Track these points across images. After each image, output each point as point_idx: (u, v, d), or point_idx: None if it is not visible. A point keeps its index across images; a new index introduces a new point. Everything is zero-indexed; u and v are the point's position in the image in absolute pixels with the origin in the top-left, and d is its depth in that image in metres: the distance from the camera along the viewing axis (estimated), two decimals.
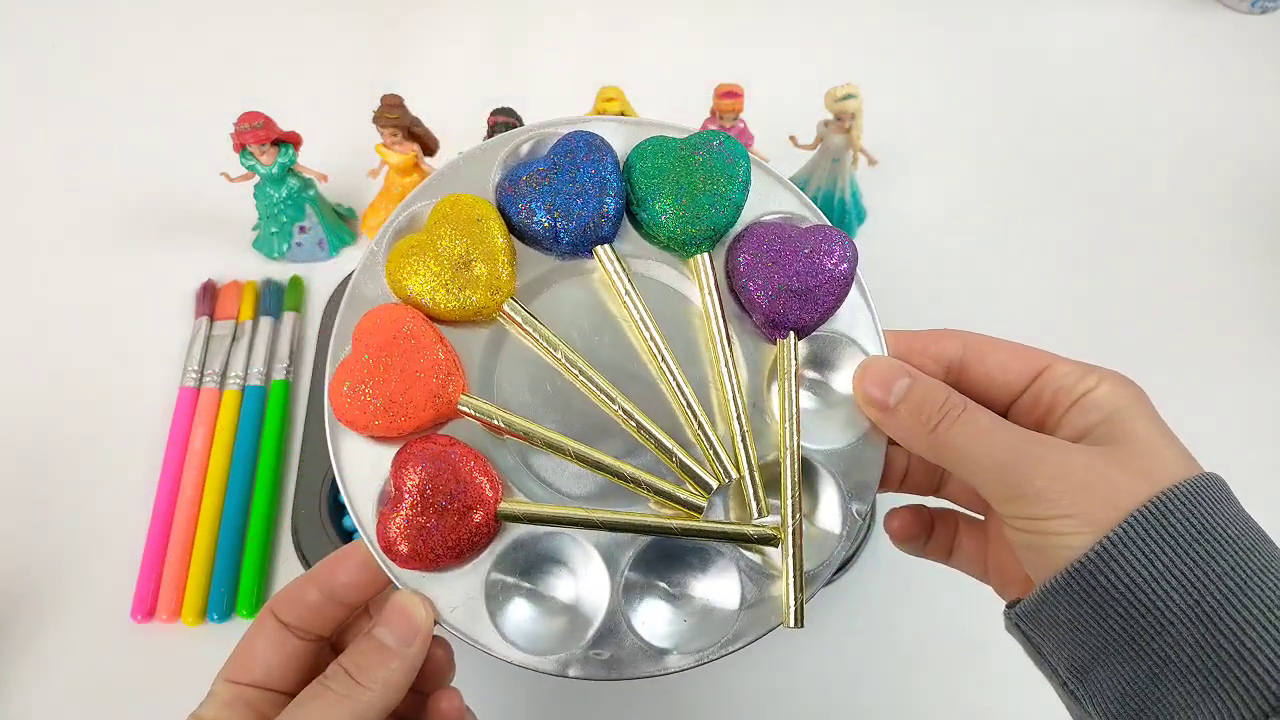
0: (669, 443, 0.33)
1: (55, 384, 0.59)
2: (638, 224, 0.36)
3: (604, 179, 0.34)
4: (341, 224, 0.65)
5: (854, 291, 0.36)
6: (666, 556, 0.34)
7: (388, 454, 0.33)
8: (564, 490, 0.34)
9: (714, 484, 0.33)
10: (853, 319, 0.36)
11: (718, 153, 0.35)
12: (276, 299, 0.62)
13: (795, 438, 0.34)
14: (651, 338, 0.34)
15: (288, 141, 0.58)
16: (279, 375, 0.58)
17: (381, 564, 0.33)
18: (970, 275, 0.64)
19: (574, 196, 0.34)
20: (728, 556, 0.34)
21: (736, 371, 0.35)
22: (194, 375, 0.58)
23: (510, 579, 0.33)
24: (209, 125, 0.71)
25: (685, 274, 0.36)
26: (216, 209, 0.67)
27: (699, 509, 0.33)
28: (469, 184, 0.35)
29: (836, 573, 0.51)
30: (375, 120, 0.56)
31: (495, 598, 0.33)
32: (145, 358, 0.60)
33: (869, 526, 0.52)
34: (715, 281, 0.35)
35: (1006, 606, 0.33)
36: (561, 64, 0.75)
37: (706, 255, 0.35)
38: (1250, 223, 0.67)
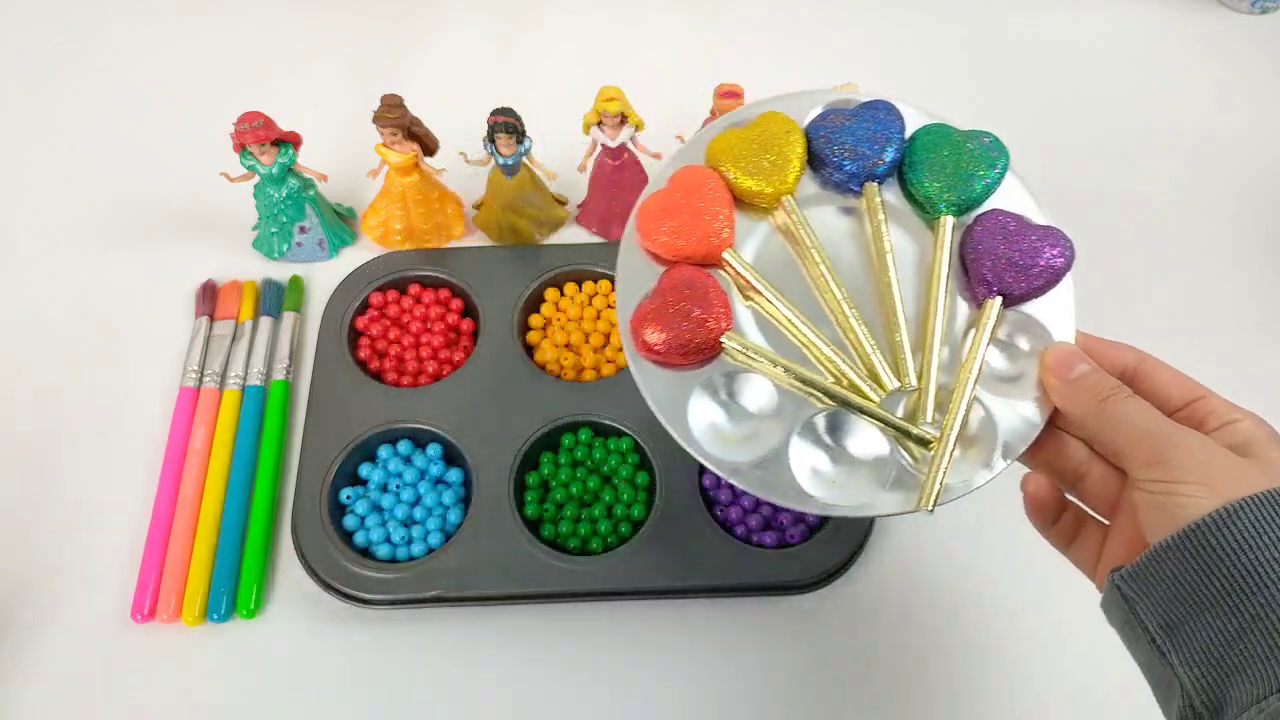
0: (869, 343, 0.41)
1: (55, 384, 0.59)
2: (904, 183, 0.44)
3: (890, 135, 0.44)
4: (341, 224, 0.65)
5: (1063, 289, 0.42)
6: (837, 429, 0.41)
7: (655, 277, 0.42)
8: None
9: (897, 384, 0.40)
10: (1053, 309, 0.42)
11: (986, 146, 0.44)
12: (277, 299, 0.62)
13: (975, 376, 0.40)
14: (887, 264, 0.42)
15: (287, 141, 0.58)
16: (279, 375, 0.59)
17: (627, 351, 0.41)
18: None
19: (864, 139, 0.43)
20: (887, 448, 0.40)
21: (946, 314, 0.42)
22: (194, 375, 0.58)
23: (714, 394, 0.41)
24: (209, 125, 0.71)
25: (913, 234, 0.44)
26: (217, 209, 0.67)
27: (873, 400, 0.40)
28: (791, 114, 0.45)
29: (836, 574, 0.51)
30: (375, 120, 0.56)
31: (698, 404, 0.40)
32: (145, 358, 0.60)
33: (869, 527, 0.52)
34: (949, 243, 0.42)
35: (1111, 572, 0.35)
36: (562, 64, 0.75)
37: (950, 218, 0.43)
38: (1250, 223, 0.67)
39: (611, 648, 0.51)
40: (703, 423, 0.40)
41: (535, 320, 0.60)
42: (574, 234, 0.66)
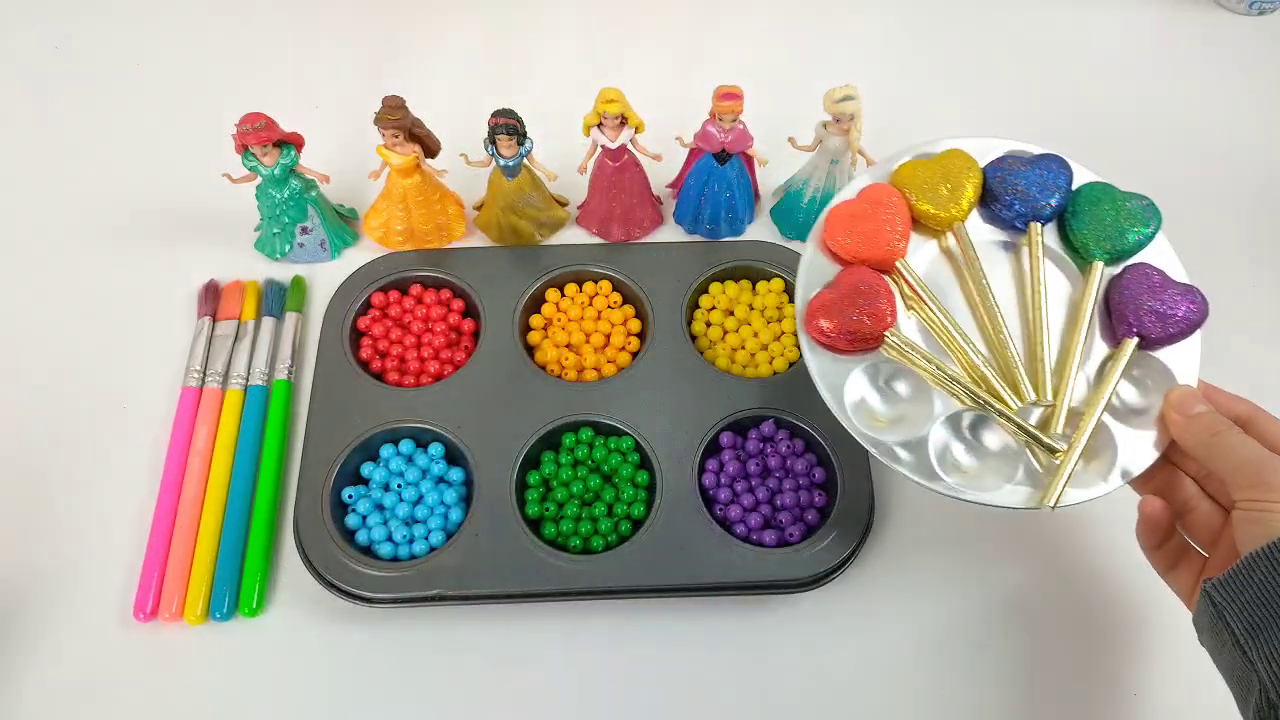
0: (1015, 358, 0.47)
1: (58, 384, 0.60)
2: (1063, 229, 0.51)
3: (1059, 185, 0.51)
4: (343, 225, 0.65)
5: (1191, 341, 0.48)
6: (975, 427, 0.48)
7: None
8: None
9: (1034, 397, 0.47)
10: (1181, 357, 0.48)
11: (1143, 208, 0.50)
12: (279, 299, 0.62)
13: (1106, 401, 0.47)
14: (1038, 299, 0.49)
15: (289, 143, 0.59)
16: (281, 375, 0.59)
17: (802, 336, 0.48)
18: None
19: (1035, 185, 0.50)
20: (1016, 451, 0.47)
21: (1086, 347, 0.48)
22: (196, 375, 0.58)
23: (872, 379, 0.48)
24: (210, 125, 0.71)
25: (1065, 274, 0.51)
26: (219, 209, 0.67)
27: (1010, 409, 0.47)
28: (972, 153, 0.53)
29: (835, 572, 0.51)
30: (376, 122, 0.57)
31: (854, 385, 0.48)
32: (148, 358, 0.60)
33: (869, 527, 0.53)
34: (1099, 285, 0.49)
35: (1203, 581, 0.40)
36: (562, 66, 0.76)
37: (1101, 264, 0.49)
38: (1249, 223, 0.68)
39: (612, 646, 0.52)
40: (855, 401, 0.48)
41: (536, 320, 0.60)
42: (574, 235, 0.66)
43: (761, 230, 0.66)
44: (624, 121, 0.58)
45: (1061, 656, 0.52)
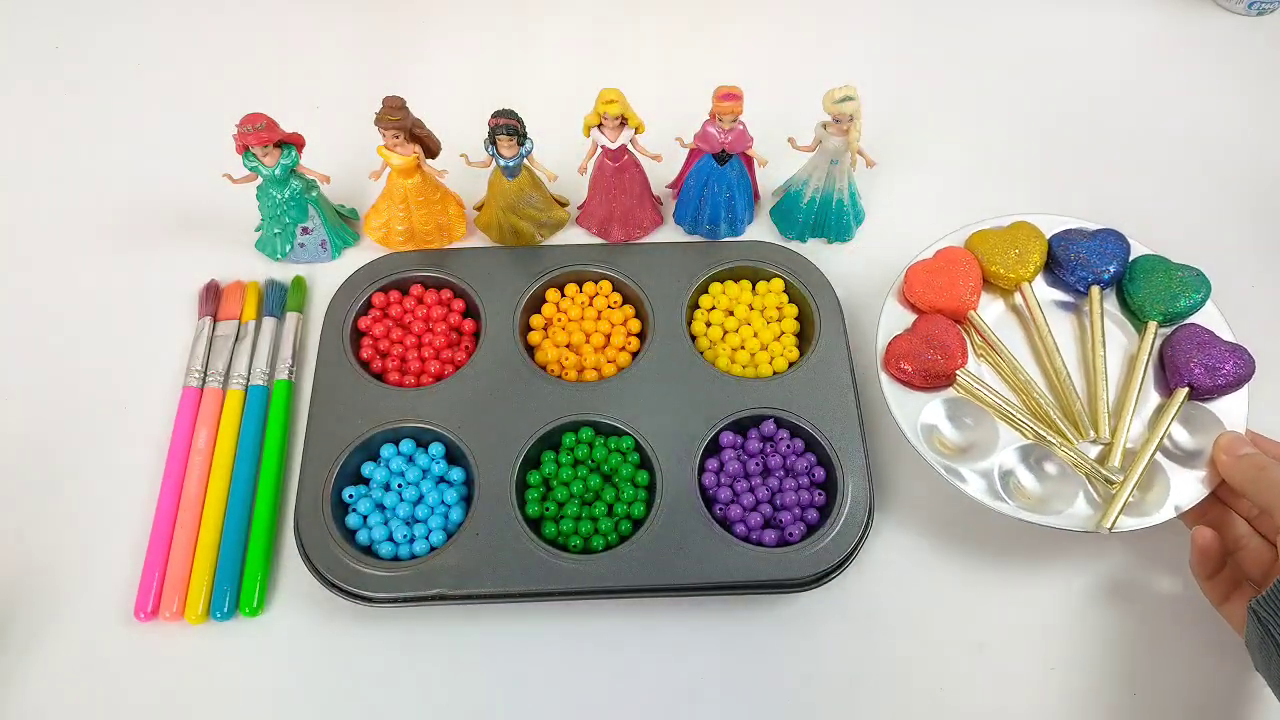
0: (1079, 404, 0.54)
1: (59, 384, 0.60)
2: (1121, 293, 0.58)
3: (1117, 254, 0.58)
4: (344, 225, 0.65)
5: (1240, 395, 0.54)
6: (1037, 459, 0.53)
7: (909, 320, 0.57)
8: None
9: (1094, 435, 0.53)
10: (1230, 408, 0.54)
11: (1194, 277, 0.57)
12: (279, 299, 0.62)
13: (1159, 441, 0.52)
14: (1098, 350, 0.56)
15: (290, 143, 0.59)
16: (282, 375, 0.59)
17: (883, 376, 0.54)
18: None
19: (1096, 253, 0.58)
20: (1075, 481, 0.52)
21: (1141, 394, 0.55)
22: (197, 375, 0.58)
23: (947, 413, 0.54)
24: (211, 125, 0.71)
25: (1122, 333, 0.58)
26: (219, 209, 0.67)
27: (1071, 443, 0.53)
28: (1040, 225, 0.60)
29: (834, 571, 0.51)
30: (377, 122, 0.57)
31: (929, 417, 0.54)
32: (148, 358, 0.60)
33: (869, 526, 0.53)
34: (1154, 343, 0.56)
35: (1250, 600, 0.43)
36: (562, 66, 0.76)
37: (1155, 324, 0.56)
38: (1248, 223, 0.68)
39: (612, 645, 0.52)
40: (930, 432, 0.53)
41: (536, 320, 0.61)
42: (575, 235, 0.66)
43: (761, 230, 0.67)
44: (624, 122, 0.58)
45: (1063, 656, 0.52)
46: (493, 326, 0.59)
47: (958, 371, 0.54)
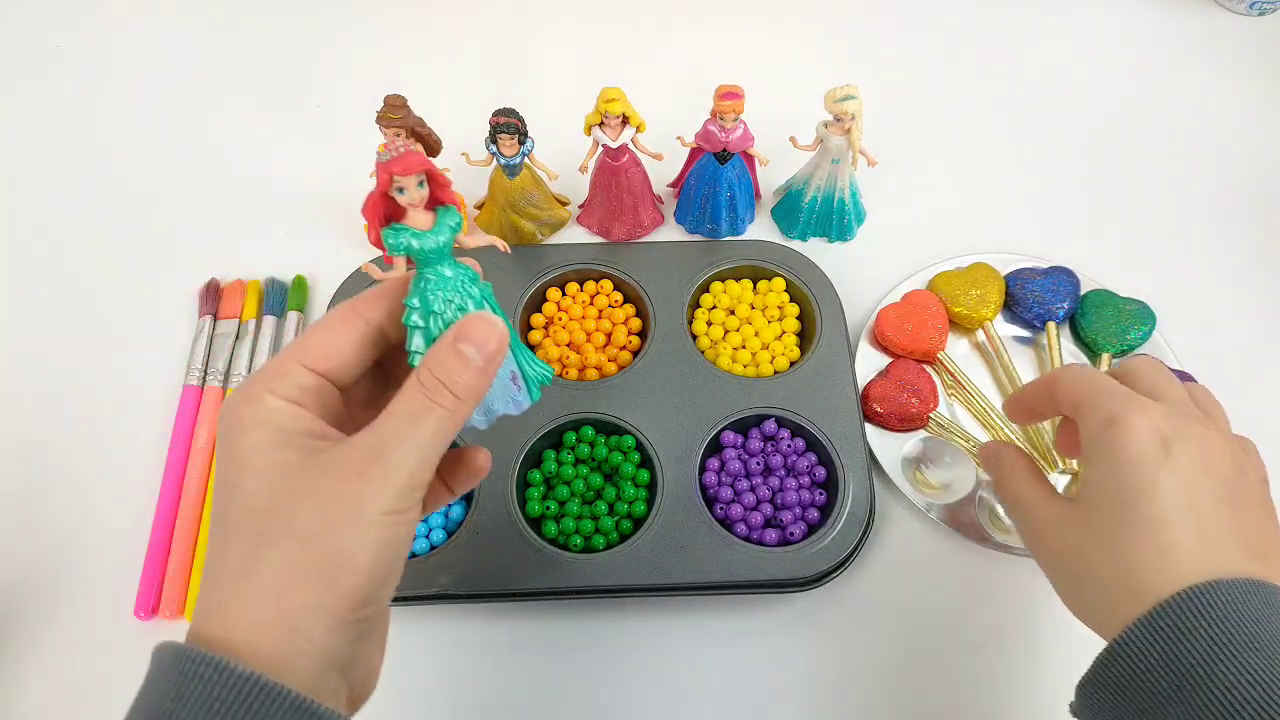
0: (1047, 437, 0.57)
1: (59, 383, 0.60)
2: (1075, 327, 0.61)
3: (1069, 290, 0.61)
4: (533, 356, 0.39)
5: None
6: None
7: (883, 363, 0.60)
8: None
9: (1062, 466, 0.57)
10: None
11: (1139, 310, 0.60)
12: (280, 298, 0.62)
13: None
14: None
15: (445, 203, 0.35)
16: None
17: None
18: None
19: (1049, 291, 0.61)
20: None
21: None
22: (198, 374, 0.58)
23: (922, 454, 0.57)
24: (211, 124, 0.71)
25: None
26: (220, 208, 0.67)
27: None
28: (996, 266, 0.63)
29: (835, 571, 0.51)
30: (379, 121, 0.57)
31: (909, 457, 0.57)
32: (149, 356, 0.60)
33: (870, 525, 0.53)
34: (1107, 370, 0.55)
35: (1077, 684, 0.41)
36: (563, 65, 0.76)
37: (1108, 355, 0.59)
38: (1249, 223, 0.68)
39: (613, 645, 0.52)
40: (910, 472, 0.56)
41: (538, 320, 0.60)
42: (576, 234, 0.66)
43: (763, 230, 0.67)
44: (625, 121, 0.58)
45: (1062, 655, 0.52)
46: None
47: (931, 414, 0.57)
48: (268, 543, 0.29)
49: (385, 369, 0.36)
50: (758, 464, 0.54)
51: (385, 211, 0.34)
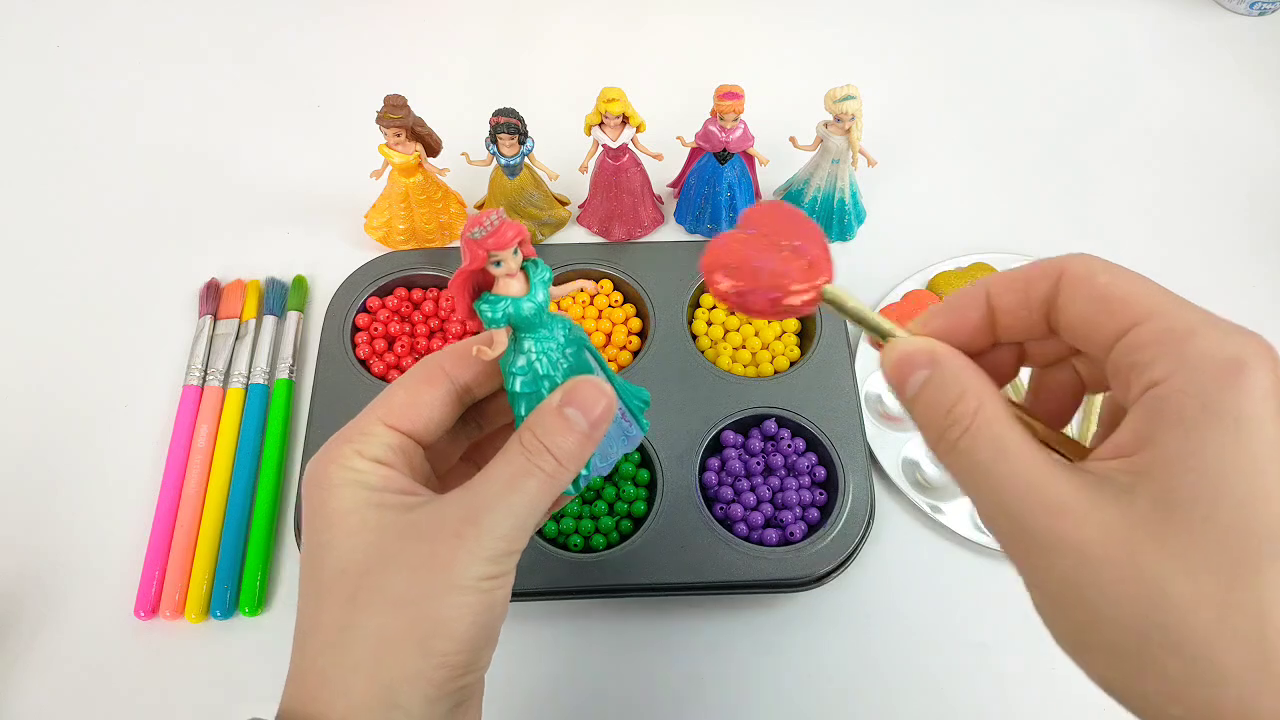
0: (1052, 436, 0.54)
1: (60, 382, 0.60)
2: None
3: None
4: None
5: None
6: None
7: None
8: None
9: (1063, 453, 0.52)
10: None
11: None
12: (280, 298, 0.62)
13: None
14: None
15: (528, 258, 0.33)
16: (282, 374, 0.59)
17: None
18: None
19: None
20: None
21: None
22: (198, 374, 0.58)
23: (921, 454, 0.55)
24: (210, 123, 0.71)
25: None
26: (219, 207, 0.67)
27: None
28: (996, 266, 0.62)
29: (836, 571, 0.51)
30: (379, 121, 0.57)
31: (909, 456, 0.54)
32: (149, 356, 0.60)
33: (870, 525, 0.53)
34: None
35: None
36: (563, 65, 0.76)
37: None
38: (1250, 223, 0.68)
39: (612, 644, 0.51)
40: (910, 472, 0.55)
41: None
42: (576, 234, 0.66)
43: None
44: (625, 121, 0.58)
45: (1063, 655, 0.52)
46: None
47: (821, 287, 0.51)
48: (362, 607, 0.28)
49: (467, 423, 0.35)
50: (758, 464, 0.54)
51: (476, 285, 0.32)
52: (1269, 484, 0.20)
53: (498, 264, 0.31)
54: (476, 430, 0.36)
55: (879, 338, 0.29)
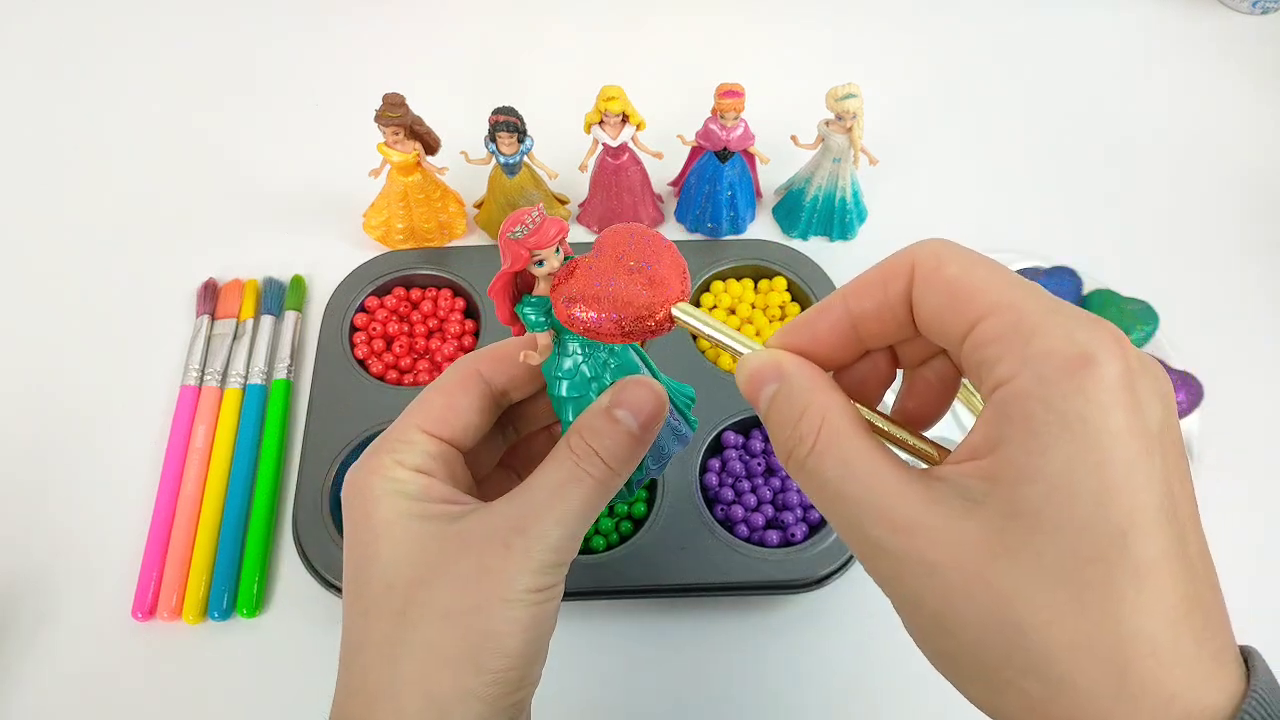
0: None
1: (57, 382, 0.59)
2: None
3: (1068, 292, 0.59)
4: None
5: (1192, 419, 0.55)
6: None
7: None
8: None
9: None
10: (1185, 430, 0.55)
11: (1143, 310, 0.58)
12: (278, 298, 0.62)
13: None
14: None
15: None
16: (280, 374, 0.58)
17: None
18: None
19: (1051, 289, 0.68)
20: None
21: None
22: (195, 374, 0.58)
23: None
24: (208, 122, 0.71)
25: None
26: (217, 207, 0.67)
27: None
28: None
29: (838, 572, 0.51)
30: (377, 119, 0.56)
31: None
32: (146, 356, 0.60)
33: None
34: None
35: None
36: (563, 64, 0.76)
37: None
38: (1251, 223, 0.67)
39: (613, 646, 0.51)
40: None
41: None
42: (575, 233, 0.66)
43: (763, 229, 0.66)
44: (625, 119, 0.57)
45: None
46: (493, 325, 0.59)
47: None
48: (411, 622, 0.28)
49: (504, 427, 0.34)
50: (759, 465, 0.54)
51: (517, 287, 0.31)
52: (1118, 480, 0.19)
53: (540, 264, 0.30)
54: (513, 434, 0.35)
55: (734, 355, 0.28)
